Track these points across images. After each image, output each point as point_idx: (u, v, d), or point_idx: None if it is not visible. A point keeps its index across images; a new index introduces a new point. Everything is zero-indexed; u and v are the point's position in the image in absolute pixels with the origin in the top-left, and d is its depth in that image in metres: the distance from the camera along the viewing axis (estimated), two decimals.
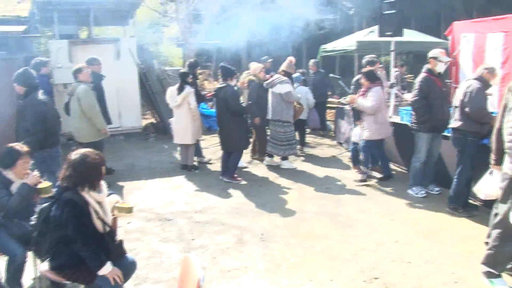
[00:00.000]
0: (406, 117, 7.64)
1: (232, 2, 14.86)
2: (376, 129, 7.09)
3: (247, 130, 7.91)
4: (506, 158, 3.89)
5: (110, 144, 9.54)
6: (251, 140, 8.76)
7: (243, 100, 8.39)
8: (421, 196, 6.56)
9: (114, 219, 3.53)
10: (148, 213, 6.18)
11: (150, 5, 15.04)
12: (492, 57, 7.79)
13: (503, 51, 7.58)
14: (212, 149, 9.75)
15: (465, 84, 5.67)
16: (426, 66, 6.44)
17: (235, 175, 7.67)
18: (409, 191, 6.71)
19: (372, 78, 7.16)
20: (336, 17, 22.46)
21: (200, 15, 14.89)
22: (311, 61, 11.40)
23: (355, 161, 7.85)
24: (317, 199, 6.66)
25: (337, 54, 13.41)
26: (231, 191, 7.07)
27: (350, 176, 7.73)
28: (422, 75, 6.39)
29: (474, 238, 5.11)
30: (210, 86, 16.10)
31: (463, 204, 5.87)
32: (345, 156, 9.14)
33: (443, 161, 6.78)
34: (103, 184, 3.47)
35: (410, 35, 11.97)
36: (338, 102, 10.46)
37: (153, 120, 12.75)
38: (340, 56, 16.82)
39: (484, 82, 5.50)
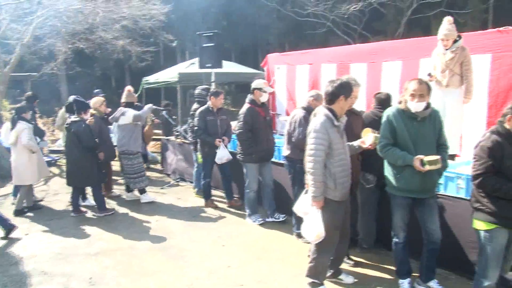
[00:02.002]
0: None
1: (46, 31, 13.93)
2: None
3: (100, 165, 7.46)
4: (309, 177, 4.22)
5: None
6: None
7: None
8: (259, 223, 6.62)
9: None
10: None
11: None
12: (301, 86, 8.60)
13: (309, 81, 8.43)
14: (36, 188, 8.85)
15: (292, 114, 5.94)
16: (250, 97, 6.52)
17: (105, 207, 7.39)
18: (247, 220, 6.78)
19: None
20: (158, 49, 22.59)
21: (9, 44, 13.60)
22: None
23: (207, 195, 7.67)
24: (148, 232, 6.46)
25: (160, 86, 13.38)
26: (53, 235, 6.45)
27: (179, 207, 7.71)
28: (246, 106, 6.46)
29: (301, 254, 5.43)
30: None
31: None
32: (173, 187, 9.10)
33: (285, 188, 6.89)
34: None
35: (230, 67, 12.59)
36: (163, 133, 10.43)
37: None
38: (165, 88, 16.86)
39: (310, 110, 5.50)
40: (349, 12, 19.13)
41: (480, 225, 3.66)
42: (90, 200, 7.77)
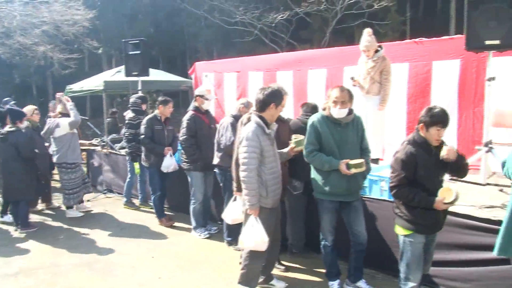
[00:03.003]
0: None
1: None
2: None
3: (38, 178, 7.12)
4: (243, 185, 4.23)
5: None
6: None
7: None
8: (204, 237, 6.44)
9: None
10: None
11: None
12: (229, 94, 8.64)
13: (237, 88, 8.50)
14: None
15: (220, 122, 5.94)
16: (193, 104, 6.41)
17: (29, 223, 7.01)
18: (193, 233, 6.57)
19: None
20: (83, 56, 21.84)
21: None
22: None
23: (160, 213, 7.15)
24: (74, 247, 6.17)
25: (85, 95, 12.90)
26: None
27: (106, 219, 7.47)
28: (190, 113, 6.32)
29: (232, 261, 5.41)
30: None
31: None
32: (100, 199, 8.78)
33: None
34: None
35: (157, 75, 12.36)
36: (89, 144, 10.03)
37: None
38: (90, 96, 16.32)
39: (238, 118, 5.41)
40: (277, 21, 19.46)
41: (400, 230, 3.80)
42: (10, 216, 7.31)
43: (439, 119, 3.52)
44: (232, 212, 4.63)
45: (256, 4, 19.89)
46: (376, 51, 6.13)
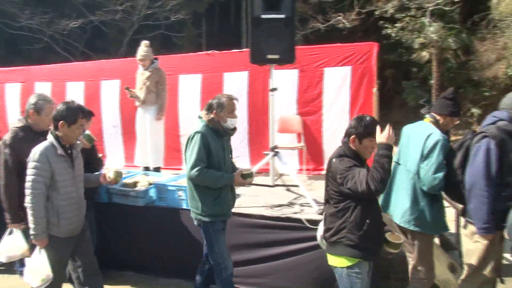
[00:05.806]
0: None
1: None
2: None
3: None
4: (28, 212, 3.75)
5: None
6: None
7: None
8: None
9: None
10: None
11: None
12: (12, 107, 7.87)
13: (21, 101, 7.79)
14: None
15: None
16: None
17: None
18: None
19: None
20: None
21: None
22: None
23: None
24: None
25: None
26: None
27: None
28: None
29: None
30: None
31: None
32: None
33: None
34: None
35: None
36: None
37: None
38: None
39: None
40: (69, 28, 18.42)
41: (340, 261, 3.13)
42: None
43: (373, 129, 3.10)
44: (7, 248, 4.07)
45: (45, 8, 18.44)
46: (152, 62, 6.40)
